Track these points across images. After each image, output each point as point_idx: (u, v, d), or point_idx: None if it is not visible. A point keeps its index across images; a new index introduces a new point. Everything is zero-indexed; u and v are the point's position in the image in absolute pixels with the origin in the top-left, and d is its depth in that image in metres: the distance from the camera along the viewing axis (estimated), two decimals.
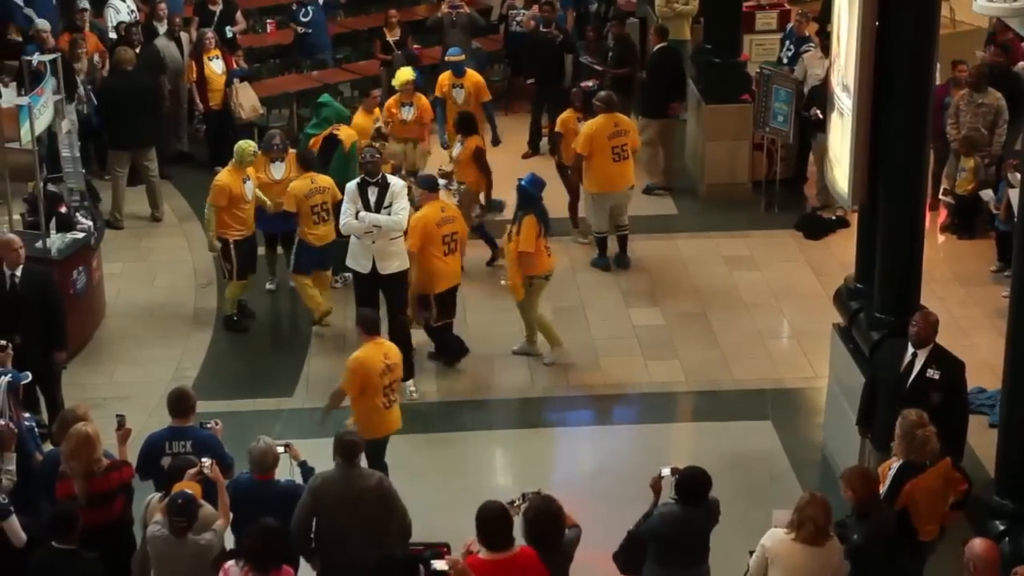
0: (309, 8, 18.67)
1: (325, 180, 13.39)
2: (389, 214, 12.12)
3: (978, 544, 7.91)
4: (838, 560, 8.35)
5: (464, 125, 14.50)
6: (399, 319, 12.40)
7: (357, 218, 12.10)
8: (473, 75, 16.09)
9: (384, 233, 12.13)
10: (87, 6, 17.54)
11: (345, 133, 14.39)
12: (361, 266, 12.29)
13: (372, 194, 12.14)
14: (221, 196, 13.05)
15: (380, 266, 12.21)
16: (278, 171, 13.64)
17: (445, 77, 16.00)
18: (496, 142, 15.95)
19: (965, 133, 14.94)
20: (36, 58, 13.88)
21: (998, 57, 15.90)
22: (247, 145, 13.29)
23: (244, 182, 13.12)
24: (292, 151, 13.85)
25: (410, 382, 12.36)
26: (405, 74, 15.34)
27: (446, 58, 16.26)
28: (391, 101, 15.35)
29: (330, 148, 14.27)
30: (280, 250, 14.02)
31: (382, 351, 10.42)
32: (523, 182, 12.78)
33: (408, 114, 15.22)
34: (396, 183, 12.32)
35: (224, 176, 13.14)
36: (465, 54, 18.29)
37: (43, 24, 16.55)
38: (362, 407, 10.34)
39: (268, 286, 14.14)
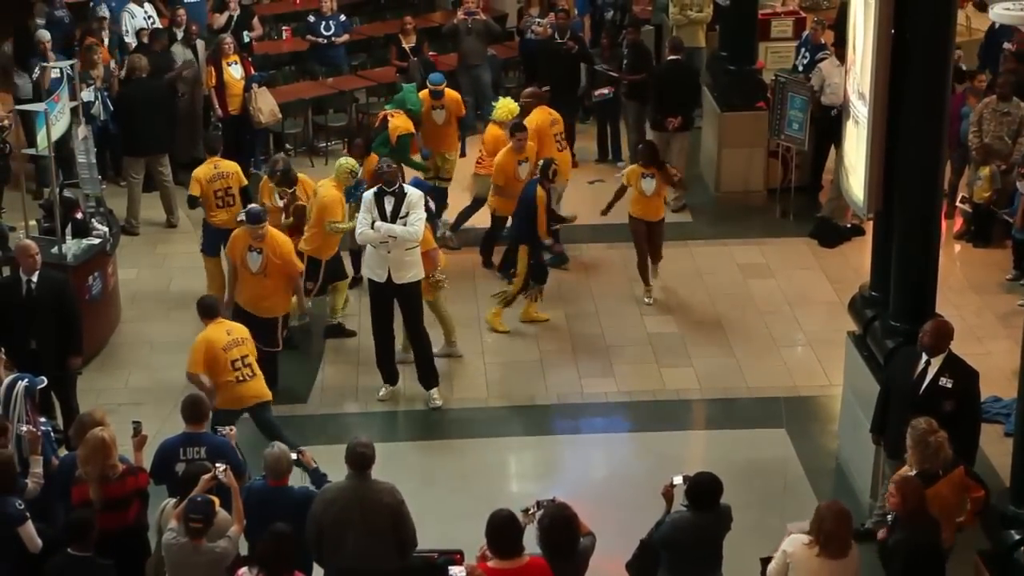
0: (331, 22, 18.70)
1: (228, 166, 13.75)
2: (405, 224, 12.08)
3: None
4: (857, 566, 8.35)
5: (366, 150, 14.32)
6: (417, 328, 12.40)
7: (373, 227, 12.05)
8: (452, 93, 15.82)
9: (399, 243, 12.07)
10: (106, 14, 17.58)
11: (396, 123, 14.67)
12: (377, 275, 12.23)
13: (388, 204, 12.02)
14: (336, 209, 13.04)
15: (395, 276, 12.14)
16: (281, 198, 13.37)
17: (424, 96, 15.51)
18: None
19: (987, 141, 14.93)
20: (52, 64, 13.94)
21: (1011, 65, 15.92)
22: (347, 162, 13.20)
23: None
24: (303, 176, 13.66)
25: (434, 391, 12.42)
26: (511, 106, 14.95)
27: (429, 86, 15.66)
28: (496, 130, 14.89)
29: (383, 129, 14.81)
30: None
31: (224, 328, 10.94)
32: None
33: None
34: (413, 193, 12.18)
35: (331, 191, 13.09)
36: (481, 60, 18.36)
37: (43, 35, 16.60)
38: (217, 383, 10.81)
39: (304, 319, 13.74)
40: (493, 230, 14.82)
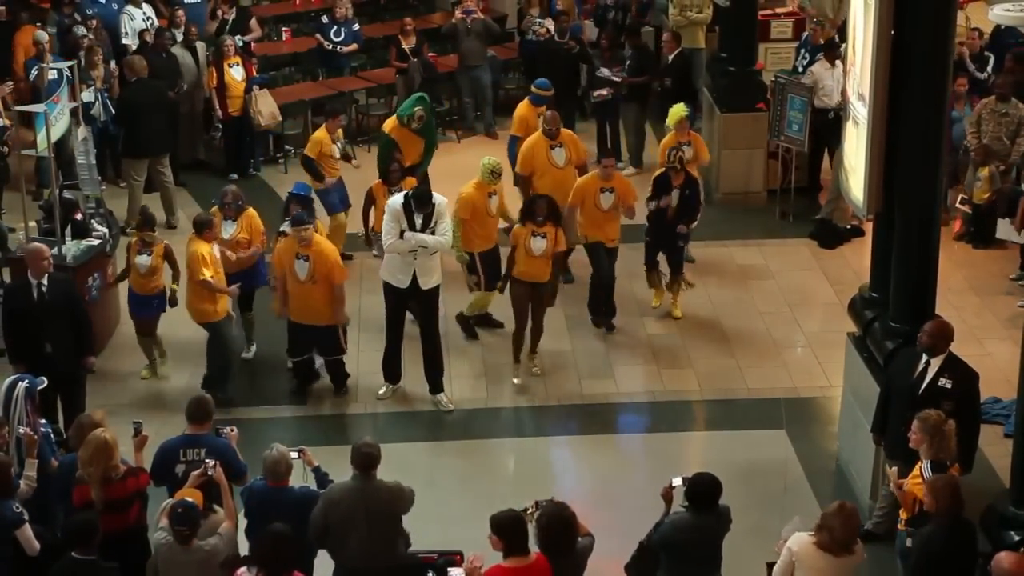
0: (342, 29, 18.69)
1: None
2: (434, 233, 12.00)
3: (1005, 558, 7.87)
4: (860, 563, 8.36)
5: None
6: (433, 333, 12.39)
7: (402, 237, 11.98)
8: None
9: (427, 250, 12.03)
10: (82, 32, 17.41)
11: (385, 124, 14.88)
12: (399, 281, 12.13)
13: (419, 217, 11.94)
14: (465, 208, 13.04)
15: (421, 281, 12.08)
16: (228, 230, 12.78)
17: (527, 110, 15.20)
18: None
19: (986, 142, 14.94)
20: (51, 66, 13.92)
21: (1012, 66, 15.92)
22: (488, 162, 13.07)
23: (489, 197, 13.07)
24: (250, 210, 12.97)
25: (441, 395, 12.42)
26: (680, 111, 14.39)
27: (535, 90, 15.20)
28: (669, 139, 14.30)
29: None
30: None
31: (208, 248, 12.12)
32: (298, 191, 12.86)
33: (687, 154, 14.10)
34: (440, 202, 12.08)
35: (469, 189, 13.10)
36: (480, 61, 18.35)
37: (41, 36, 16.57)
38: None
39: (244, 354, 13.14)
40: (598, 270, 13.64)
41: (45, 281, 11.29)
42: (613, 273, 13.51)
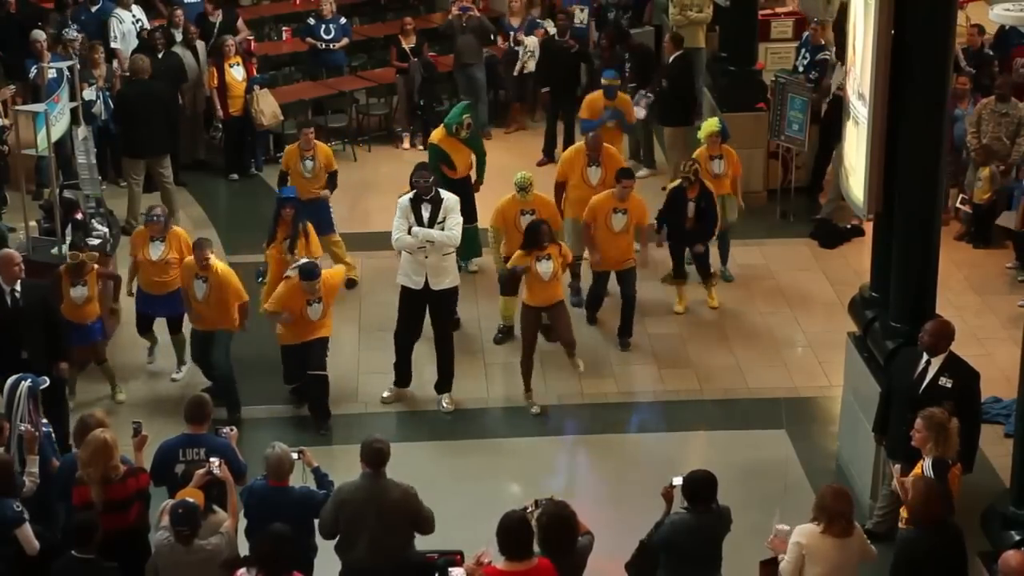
0: (331, 26, 18.67)
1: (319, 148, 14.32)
2: (443, 229, 11.98)
3: (1012, 557, 7.87)
4: (862, 544, 8.46)
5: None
6: (446, 334, 12.39)
7: (410, 233, 11.97)
8: (624, 97, 15.56)
9: (437, 248, 11.99)
10: (74, 36, 17.31)
11: (433, 134, 14.50)
12: (413, 282, 12.10)
13: (426, 210, 11.94)
14: (495, 218, 13.13)
15: (433, 282, 12.07)
16: (156, 250, 12.44)
17: (599, 97, 15.14)
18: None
19: (986, 142, 14.94)
20: (51, 65, 13.92)
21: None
22: (519, 176, 13.07)
23: (521, 214, 12.96)
24: (178, 229, 12.78)
25: (445, 396, 12.42)
26: (711, 125, 14.37)
27: (605, 81, 15.16)
28: (699, 152, 14.24)
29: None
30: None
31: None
32: (286, 194, 13.02)
33: (719, 168, 14.22)
34: (449, 198, 12.09)
35: (503, 201, 13.13)
36: (476, 59, 18.32)
37: (38, 35, 16.54)
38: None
39: (174, 376, 12.94)
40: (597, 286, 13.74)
41: (17, 287, 11.15)
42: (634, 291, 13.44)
